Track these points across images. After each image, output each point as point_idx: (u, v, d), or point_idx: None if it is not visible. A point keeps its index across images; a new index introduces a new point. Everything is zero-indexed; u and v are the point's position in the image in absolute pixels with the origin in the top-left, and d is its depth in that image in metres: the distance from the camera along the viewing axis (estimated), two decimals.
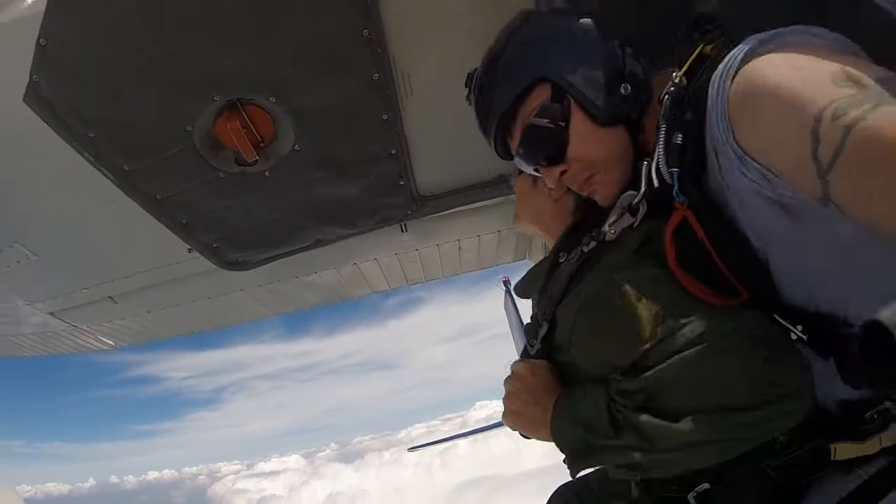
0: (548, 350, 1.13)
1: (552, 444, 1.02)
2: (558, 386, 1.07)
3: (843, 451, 0.94)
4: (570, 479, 1.08)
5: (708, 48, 0.90)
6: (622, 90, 0.99)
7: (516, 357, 1.22)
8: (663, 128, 0.92)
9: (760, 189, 0.77)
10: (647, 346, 0.88)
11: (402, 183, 2.04)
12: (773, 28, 0.77)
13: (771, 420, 0.83)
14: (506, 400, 1.12)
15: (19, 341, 3.20)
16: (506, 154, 1.16)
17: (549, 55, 1.01)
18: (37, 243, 2.30)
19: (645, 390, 0.88)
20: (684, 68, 0.90)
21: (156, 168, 1.91)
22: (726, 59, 0.79)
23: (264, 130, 1.75)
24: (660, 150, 0.92)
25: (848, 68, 0.64)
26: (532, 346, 1.16)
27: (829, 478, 0.98)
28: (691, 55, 0.90)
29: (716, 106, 0.78)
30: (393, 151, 1.85)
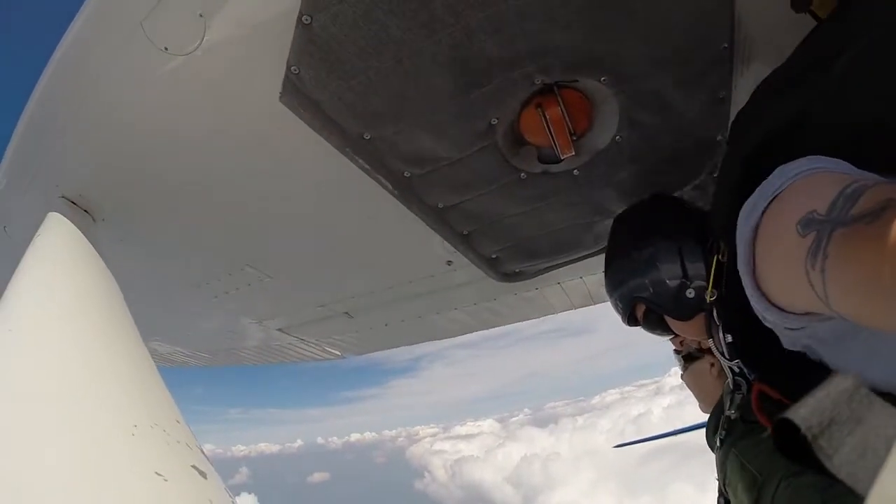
0: None
1: None
2: None
3: None
4: None
5: (720, 256, 1.11)
6: (688, 294, 1.33)
7: None
8: (713, 336, 1.23)
9: (811, 336, 0.85)
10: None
11: (715, 174, 1.64)
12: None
13: None
14: None
15: (243, 353, 3.14)
16: (636, 325, 1.51)
17: (638, 286, 1.39)
18: (270, 265, 2.07)
19: None
20: (711, 281, 1.13)
21: (446, 172, 1.52)
22: (739, 261, 0.87)
23: (579, 120, 1.36)
24: (718, 353, 1.23)
25: (801, 214, 0.69)
26: None
27: None
28: (711, 268, 1.14)
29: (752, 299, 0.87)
30: (719, 137, 1.51)
